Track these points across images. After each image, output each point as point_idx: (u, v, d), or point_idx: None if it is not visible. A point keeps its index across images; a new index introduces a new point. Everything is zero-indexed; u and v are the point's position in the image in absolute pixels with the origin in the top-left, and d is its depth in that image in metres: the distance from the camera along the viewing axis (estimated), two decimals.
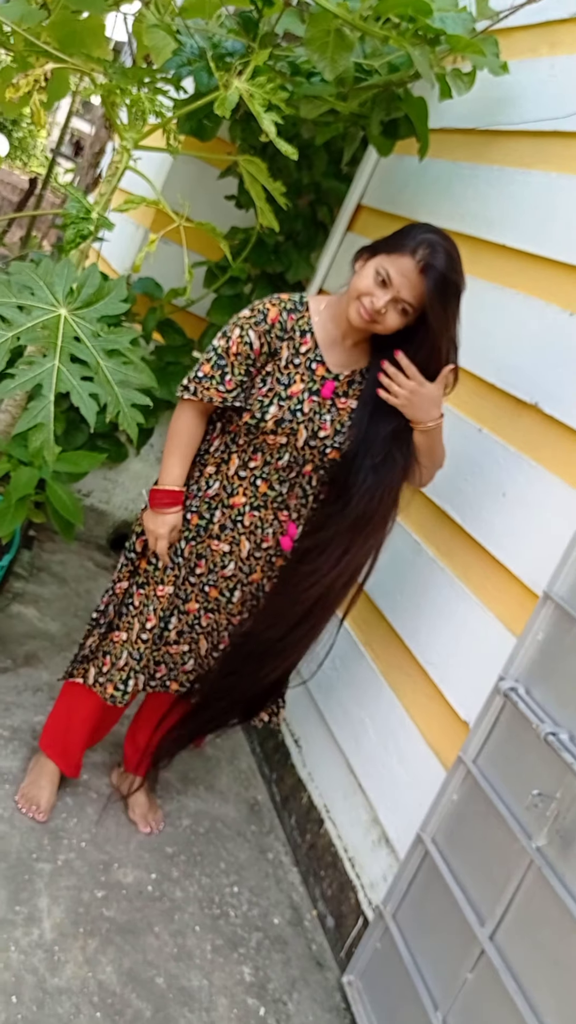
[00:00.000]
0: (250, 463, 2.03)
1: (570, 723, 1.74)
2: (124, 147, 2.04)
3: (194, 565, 2.13)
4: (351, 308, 1.87)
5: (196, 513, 2.09)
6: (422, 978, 1.94)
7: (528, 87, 2.38)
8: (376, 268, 1.83)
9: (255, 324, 1.94)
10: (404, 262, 1.80)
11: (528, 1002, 1.67)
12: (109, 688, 2.14)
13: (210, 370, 1.95)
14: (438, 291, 1.80)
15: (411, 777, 2.21)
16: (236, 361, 1.94)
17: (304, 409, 1.96)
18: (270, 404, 1.95)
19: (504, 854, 1.80)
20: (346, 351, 1.99)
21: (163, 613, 2.13)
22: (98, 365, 1.81)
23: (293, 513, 2.09)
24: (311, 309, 1.98)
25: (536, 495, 2.04)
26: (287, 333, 1.95)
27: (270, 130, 1.88)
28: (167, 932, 2.08)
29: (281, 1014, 2.02)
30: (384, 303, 1.82)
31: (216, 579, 2.13)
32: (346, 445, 2.00)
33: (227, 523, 2.08)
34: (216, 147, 2.88)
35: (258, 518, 2.07)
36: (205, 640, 2.19)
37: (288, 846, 2.57)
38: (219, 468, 2.07)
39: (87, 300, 1.85)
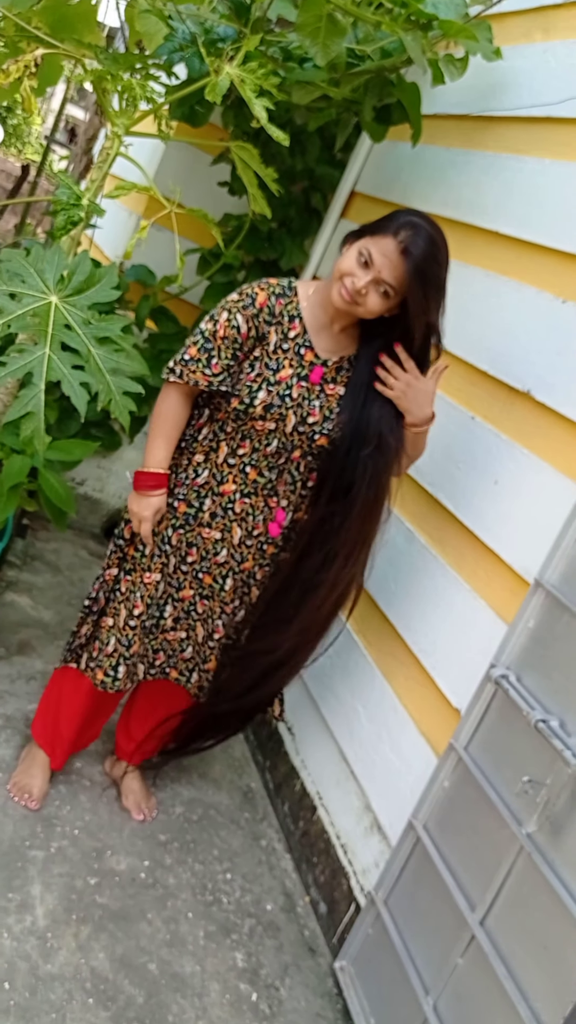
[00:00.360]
0: (239, 450, 2.03)
1: (560, 710, 1.75)
2: (115, 133, 2.02)
3: (185, 553, 2.13)
4: (333, 289, 1.87)
5: (184, 501, 2.09)
6: (413, 963, 1.95)
7: (521, 73, 2.36)
8: (359, 249, 1.83)
9: (243, 308, 1.93)
10: (386, 243, 1.81)
11: (518, 986, 1.68)
12: (99, 674, 2.15)
13: (197, 353, 1.94)
14: (418, 272, 1.80)
15: (403, 764, 2.21)
16: (223, 345, 1.94)
17: (293, 395, 1.96)
18: (259, 389, 1.94)
19: (494, 840, 1.81)
20: (334, 337, 1.99)
21: (151, 601, 2.13)
22: (89, 353, 1.80)
23: (283, 500, 2.09)
24: (300, 294, 1.98)
25: (528, 483, 2.04)
26: (275, 318, 1.95)
27: (261, 116, 1.87)
28: (160, 919, 2.09)
29: (273, 999, 2.04)
30: (365, 283, 1.82)
31: (209, 566, 2.13)
32: (335, 432, 2.00)
33: (218, 511, 2.08)
34: (209, 133, 2.86)
35: (249, 505, 2.07)
36: (201, 627, 2.20)
37: (281, 833, 2.58)
38: (208, 456, 2.06)
39: (78, 287, 1.84)
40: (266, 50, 2.19)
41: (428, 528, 2.34)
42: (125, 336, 1.83)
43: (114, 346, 1.83)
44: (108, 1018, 1.80)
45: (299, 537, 2.14)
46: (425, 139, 2.61)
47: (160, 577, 2.13)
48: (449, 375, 2.37)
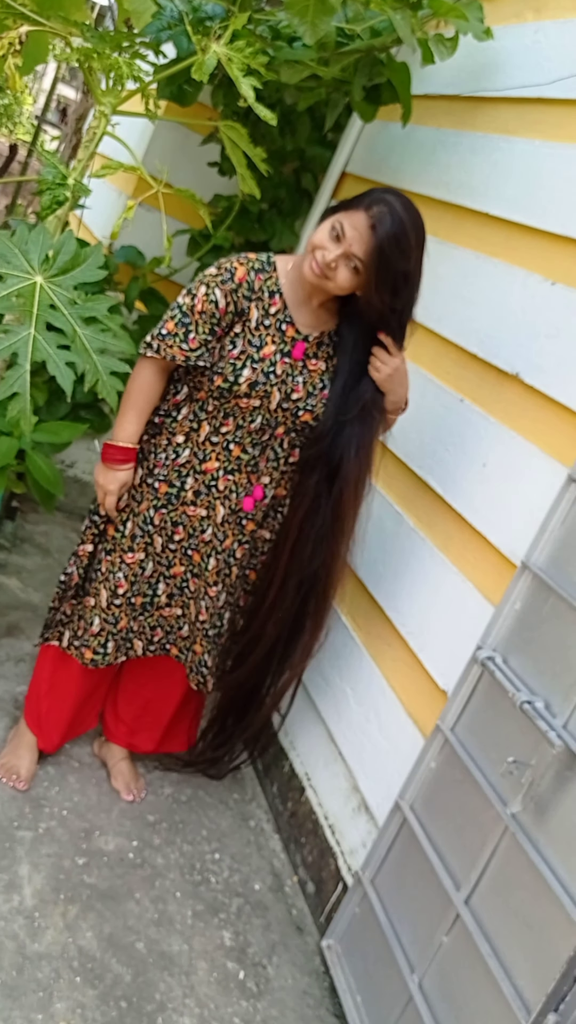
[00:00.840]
0: (222, 428, 2.03)
1: (546, 692, 1.75)
2: (102, 112, 2.01)
3: (172, 532, 2.13)
4: (305, 262, 1.87)
5: (165, 481, 2.08)
6: (399, 941, 1.97)
7: (513, 53, 2.35)
8: (332, 223, 1.83)
9: (221, 283, 1.92)
10: (358, 216, 1.81)
11: (501, 964, 1.69)
12: (87, 653, 2.16)
13: (174, 327, 1.93)
14: (380, 247, 1.79)
15: (390, 745, 2.22)
16: (201, 320, 1.92)
17: (277, 371, 1.96)
18: (243, 367, 1.94)
19: (480, 820, 1.82)
20: (314, 312, 1.99)
21: (136, 579, 2.13)
22: (75, 333, 1.80)
23: (264, 477, 2.09)
24: (279, 269, 1.97)
25: (516, 466, 2.04)
26: (255, 293, 1.94)
27: (248, 95, 1.86)
28: (148, 898, 2.10)
29: (261, 977, 2.05)
30: (335, 257, 1.82)
31: (197, 543, 2.14)
32: (318, 407, 2.01)
33: (201, 488, 2.08)
34: (198, 113, 2.85)
35: (232, 482, 2.07)
36: (194, 605, 2.21)
37: (270, 814, 2.59)
38: (188, 436, 2.06)
39: (63, 267, 1.83)
40: (254, 29, 2.18)
41: (417, 511, 2.34)
42: (112, 316, 1.83)
43: (100, 326, 1.82)
44: (95, 996, 1.82)
45: (289, 522, 2.15)
46: (416, 119, 2.60)
47: (145, 556, 2.13)
48: (439, 357, 2.38)
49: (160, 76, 2.19)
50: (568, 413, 1.91)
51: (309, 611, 2.22)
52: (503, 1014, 1.65)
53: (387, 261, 1.80)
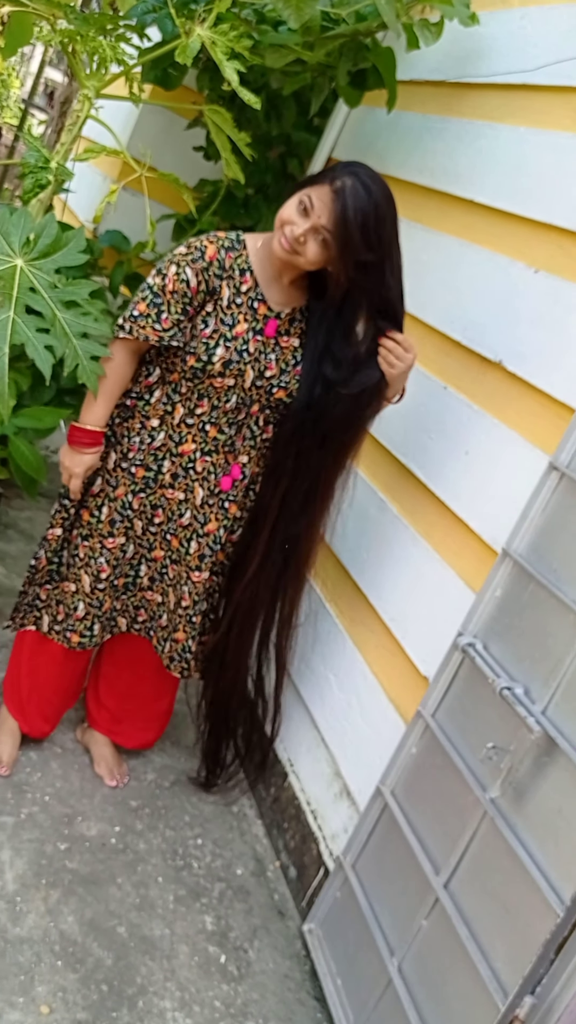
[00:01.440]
0: (196, 410, 2.02)
1: (525, 678, 1.76)
2: (85, 96, 1.99)
3: (151, 515, 2.13)
4: (274, 238, 1.87)
5: (142, 466, 2.08)
6: (379, 925, 1.98)
7: (498, 39, 2.34)
8: (300, 197, 1.83)
9: (192, 261, 1.90)
10: (323, 189, 1.80)
11: (479, 947, 1.71)
12: (74, 637, 2.16)
13: (145, 308, 1.91)
14: (348, 214, 1.78)
15: (372, 731, 2.23)
16: (173, 299, 1.91)
17: (250, 349, 1.95)
18: (216, 346, 1.93)
19: (459, 805, 1.83)
20: (284, 289, 1.98)
21: (118, 561, 2.13)
22: (54, 316, 1.79)
23: (242, 456, 2.09)
24: (248, 247, 1.97)
25: (498, 453, 2.05)
26: (226, 272, 1.93)
27: (232, 78, 1.85)
28: (129, 883, 2.11)
29: (242, 961, 2.06)
30: (303, 231, 1.82)
31: (175, 528, 2.14)
32: (292, 384, 2.02)
33: (179, 471, 2.08)
34: (183, 97, 2.83)
35: (210, 463, 2.07)
36: (173, 593, 2.21)
37: (253, 799, 2.60)
38: (163, 419, 2.05)
39: (44, 251, 1.82)
40: (239, 12, 2.16)
41: (400, 498, 2.34)
42: (93, 301, 1.82)
43: (81, 310, 1.81)
44: (76, 980, 1.82)
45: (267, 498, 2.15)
46: (402, 105, 2.59)
47: (125, 540, 2.14)
48: (422, 345, 2.37)
49: (144, 59, 2.17)
50: (550, 401, 1.92)
51: (284, 588, 2.23)
52: (481, 997, 1.67)
53: (351, 230, 1.79)
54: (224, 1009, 1.93)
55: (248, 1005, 1.96)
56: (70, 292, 1.83)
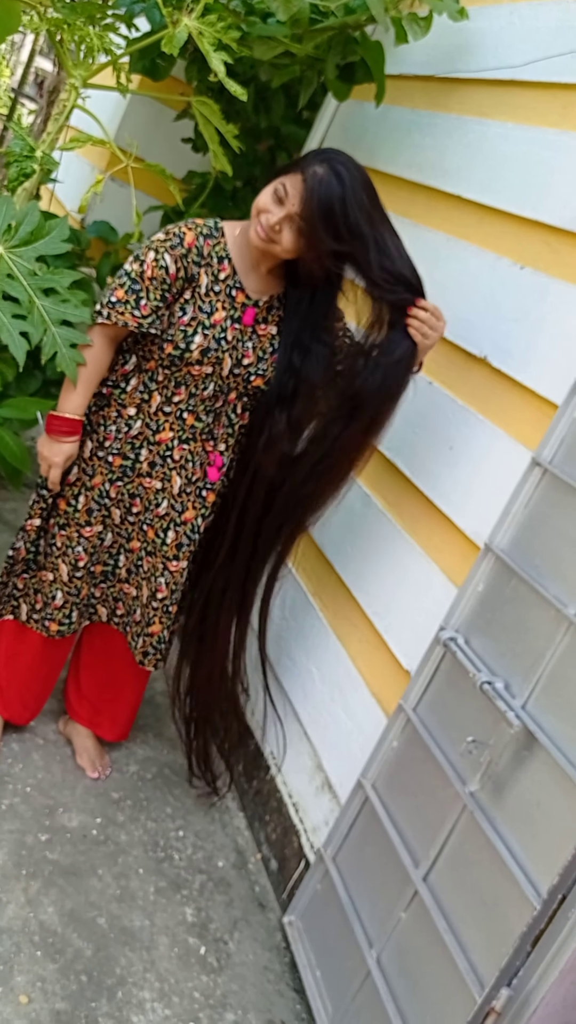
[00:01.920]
0: (174, 398, 2.01)
1: (506, 672, 1.77)
2: (72, 85, 1.98)
3: (130, 504, 2.13)
4: (251, 227, 1.87)
5: (119, 455, 2.07)
6: (358, 917, 1.99)
7: (487, 34, 2.34)
8: (275, 185, 1.83)
9: (171, 248, 1.89)
10: (297, 178, 1.81)
11: (457, 939, 1.72)
12: (52, 626, 2.16)
13: (124, 295, 1.90)
14: (319, 201, 1.78)
15: (354, 725, 2.24)
16: (151, 286, 1.89)
17: (228, 337, 1.95)
18: (194, 334, 1.93)
19: (439, 799, 1.84)
20: (262, 277, 1.98)
21: (95, 549, 2.13)
22: (32, 303, 1.78)
23: (220, 444, 2.09)
24: (226, 234, 1.96)
25: (482, 449, 2.05)
26: (204, 259, 1.92)
27: (219, 69, 1.84)
28: (110, 874, 2.11)
29: (222, 952, 2.07)
30: (278, 219, 1.82)
31: (151, 518, 2.13)
32: (269, 372, 2.02)
33: (156, 460, 2.07)
34: (172, 88, 2.82)
35: (188, 451, 2.06)
36: (147, 586, 2.20)
37: (235, 792, 2.60)
38: (140, 407, 2.05)
39: (25, 239, 1.81)
40: (227, 3, 2.15)
41: (385, 492, 2.35)
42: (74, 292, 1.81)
43: (60, 297, 1.81)
44: (56, 970, 1.82)
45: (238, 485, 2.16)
46: (391, 100, 2.59)
47: (103, 528, 2.13)
48: None
49: (132, 49, 2.16)
50: (534, 397, 1.92)
51: (257, 569, 2.24)
52: (458, 988, 1.68)
53: (318, 220, 1.79)
54: (203, 1000, 1.93)
55: (227, 996, 1.97)
56: (49, 279, 1.82)
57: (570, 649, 1.67)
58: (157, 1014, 1.85)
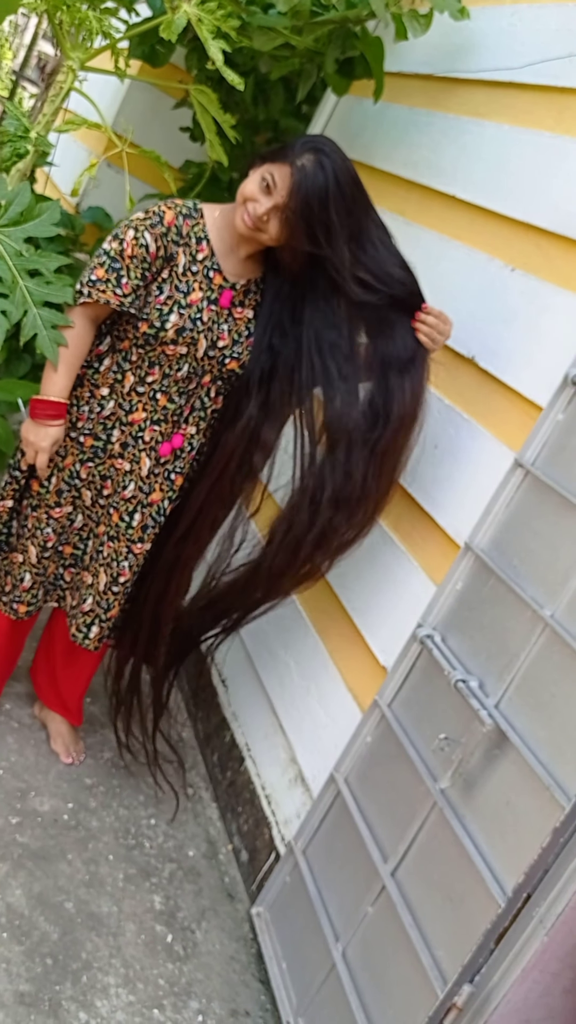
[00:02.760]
0: (147, 378, 2.00)
1: (481, 671, 1.78)
2: (70, 67, 1.98)
3: (100, 486, 2.11)
4: (237, 214, 1.87)
5: (91, 435, 2.06)
6: (326, 911, 2.00)
7: (488, 35, 2.34)
8: (263, 174, 1.83)
9: (151, 226, 1.88)
10: (284, 169, 1.80)
11: (422, 935, 1.73)
12: (20, 608, 2.16)
13: (104, 273, 1.87)
14: (305, 194, 1.78)
15: (329, 719, 2.25)
16: (132, 264, 1.88)
17: (203, 318, 1.94)
18: (170, 312, 1.92)
19: (410, 795, 1.85)
20: (241, 260, 1.98)
21: (63, 529, 2.12)
22: (15, 283, 1.77)
23: (191, 427, 2.08)
24: (206, 216, 1.96)
25: (466, 448, 2.06)
26: (183, 239, 1.91)
27: (217, 57, 1.84)
28: (80, 860, 2.11)
29: (188, 941, 2.07)
30: (266, 210, 1.82)
31: (118, 501, 2.11)
32: (244, 355, 2.02)
33: (128, 440, 2.06)
34: (171, 75, 2.81)
35: (159, 432, 2.05)
36: (104, 573, 2.16)
37: (209, 782, 2.61)
38: (113, 388, 2.03)
39: (14, 219, 1.80)
40: None
41: None
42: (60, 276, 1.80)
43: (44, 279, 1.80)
44: (21, 952, 1.83)
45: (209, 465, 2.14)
46: (389, 97, 2.59)
47: (73, 509, 2.12)
48: None
49: (130, 33, 2.16)
50: (519, 399, 1.93)
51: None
52: (421, 984, 1.69)
53: (308, 209, 1.79)
54: (168, 988, 1.93)
55: (192, 985, 1.97)
56: (35, 261, 1.81)
57: (545, 650, 1.68)
58: (121, 999, 1.85)
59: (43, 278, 1.82)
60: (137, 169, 2.57)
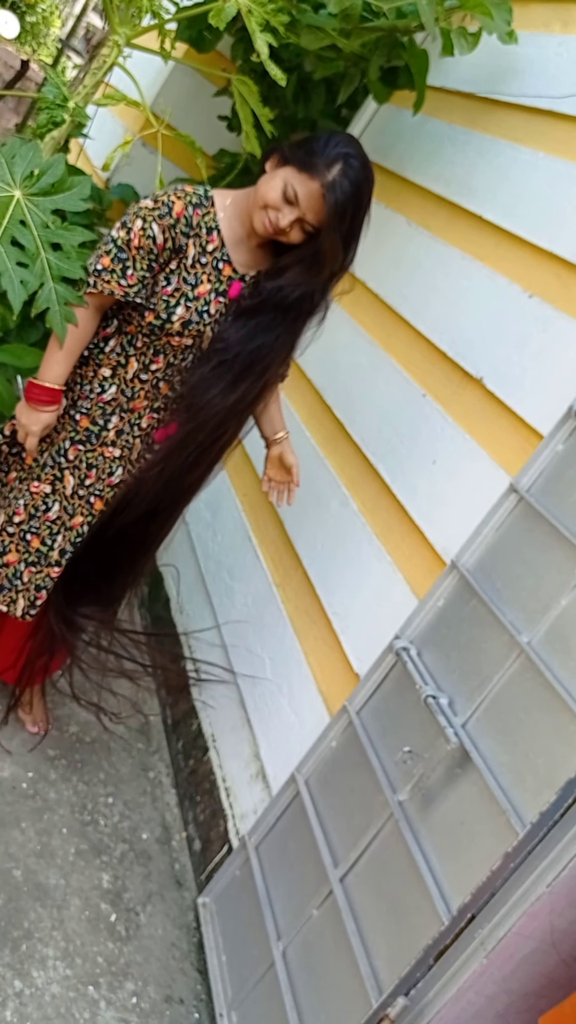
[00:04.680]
0: (151, 366, 1.98)
1: (452, 689, 1.79)
2: (115, 42, 1.98)
3: (84, 475, 2.06)
4: (256, 217, 1.83)
5: (87, 416, 2.02)
6: (271, 909, 2.00)
7: (533, 62, 2.35)
8: (285, 182, 1.78)
9: (159, 217, 1.83)
10: (312, 186, 1.76)
11: (364, 944, 1.73)
12: None
13: (110, 263, 1.85)
14: (337, 218, 1.76)
15: (297, 719, 2.25)
16: (138, 255, 1.84)
17: (211, 311, 1.92)
18: (177, 305, 1.90)
19: (368, 804, 1.86)
20: (251, 251, 1.93)
21: (35, 512, 2.08)
22: (38, 254, 1.76)
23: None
24: (216, 204, 1.90)
25: (463, 467, 2.07)
26: (193, 229, 1.87)
27: (263, 50, 1.84)
28: (33, 829, 2.11)
29: (131, 923, 2.08)
30: (289, 222, 1.79)
31: (102, 488, 2.08)
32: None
33: (125, 428, 2.04)
34: (215, 62, 2.81)
35: (156, 420, 2.03)
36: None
37: (171, 768, 2.61)
38: (115, 371, 2.00)
39: (45, 189, 1.80)
40: None
41: (362, 496, 2.36)
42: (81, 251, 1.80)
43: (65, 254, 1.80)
44: None
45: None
46: (429, 111, 2.59)
47: (51, 490, 2.07)
48: (410, 350, 2.39)
49: (180, 16, 2.16)
50: (521, 424, 1.94)
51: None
52: (356, 991, 1.70)
53: (338, 229, 1.77)
54: (105, 966, 1.94)
55: (130, 966, 1.98)
56: (59, 235, 1.81)
57: (518, 676, 1.69)
58: (58, 972, 1.85)
59: (64, 253, 1.81)
60: (171, 152, 2.58)
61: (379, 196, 2.63)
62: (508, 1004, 1.65)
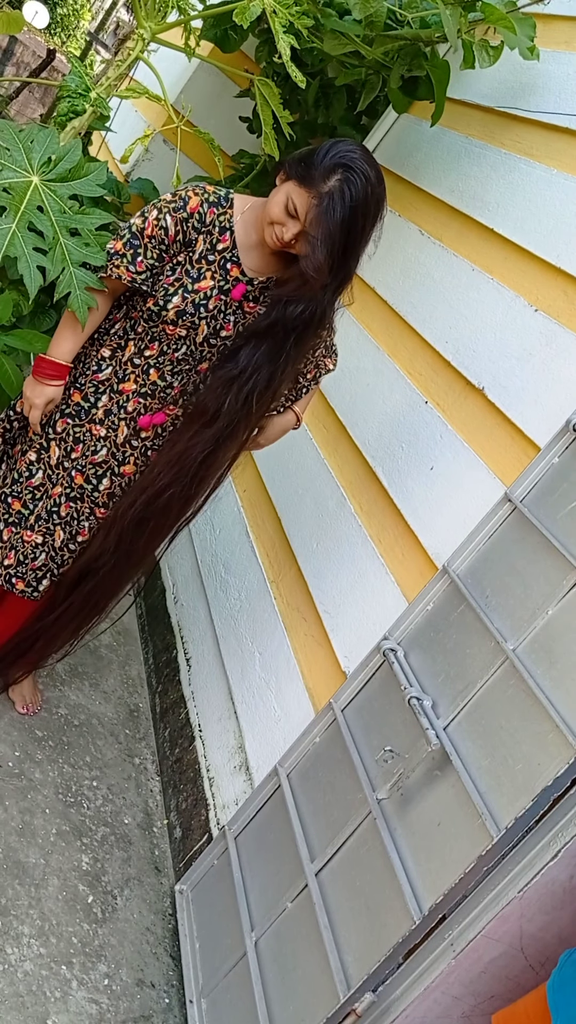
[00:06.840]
0: (146, 351, 2.02)
1: (436, 692, 1.81)
2: (140, 36, 2.01)
3: (71, 449, 2.10)
4: (265, 232, 1.86)
5: (80, 391, 2.06)
6: (247, 899, 2.03)
7: (553, 79, 2.38)
8: (287, 196, 1.80)
9: (174, 210, 1.89)
10: (311, 200, 1.77)
11: (335, 938, 1.76)
12: None
13: (122, 248, 1.91)
14: (327, 229, 1.76)
15: (283, 713, 2.28)
16: (150, 244, 1.90)
17: (209, 306, 1.95)
18: (174, 294, 1.93)
19: (347, 800, 1.88)
20: (265, 257, 1.95)
21: (19, 477, 2.12)
22: (55, 240, 1.79)
23: (178, 408, 2.08)
24: (236, 207, 1.94)
25: (460, 475, 2.10)
26: (204, 226, 1.91)
27: (285, 52, 1.87)
28: (16, 807, 2.14)
29: (108, 906, 2.10)
30: (293, 235, 1.81)
31: (85, 464, 2.11)
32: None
33: (113, 408, 2.07)
34: (239, 63, 2.84)
35: (142, 405, 2.06)
36: (61, 531, 2.16)
37: (156, 756, 2.64)
38: (114, 353, 2.05)
39: (62, 174, 1.83)
40: None
41: (360, 498, 2.39)
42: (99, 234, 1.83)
43: (83, 240, 1.82)
44: None
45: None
46: (448, 123, 2.62)
47: (36, 459, 2.11)
48: (415, 357, 2.42)
49: (205, 13, 2.19)
50: (519, 435, 1.97)
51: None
52: (325, 985, 1.72)
53: (328, 240, 1.77)
54: (80, 947, 1.96)
55: (104, 948, 2.00)
56: (77, 220, 1.83)
57: (501, 682, 1.72)
58: (32, 950, 1.88)
59: (82, 239, 1.84)
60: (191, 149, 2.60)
61: (393, 205, 2.67)
62: (474, 1006, 1.68)
